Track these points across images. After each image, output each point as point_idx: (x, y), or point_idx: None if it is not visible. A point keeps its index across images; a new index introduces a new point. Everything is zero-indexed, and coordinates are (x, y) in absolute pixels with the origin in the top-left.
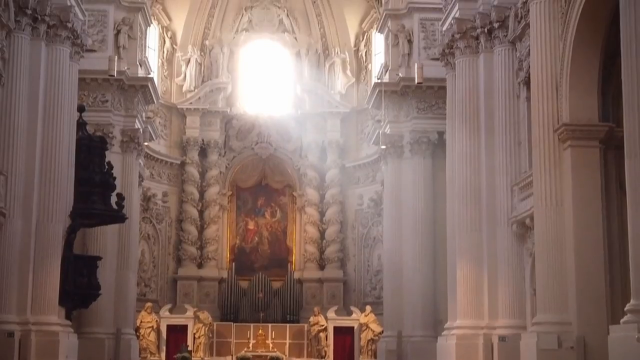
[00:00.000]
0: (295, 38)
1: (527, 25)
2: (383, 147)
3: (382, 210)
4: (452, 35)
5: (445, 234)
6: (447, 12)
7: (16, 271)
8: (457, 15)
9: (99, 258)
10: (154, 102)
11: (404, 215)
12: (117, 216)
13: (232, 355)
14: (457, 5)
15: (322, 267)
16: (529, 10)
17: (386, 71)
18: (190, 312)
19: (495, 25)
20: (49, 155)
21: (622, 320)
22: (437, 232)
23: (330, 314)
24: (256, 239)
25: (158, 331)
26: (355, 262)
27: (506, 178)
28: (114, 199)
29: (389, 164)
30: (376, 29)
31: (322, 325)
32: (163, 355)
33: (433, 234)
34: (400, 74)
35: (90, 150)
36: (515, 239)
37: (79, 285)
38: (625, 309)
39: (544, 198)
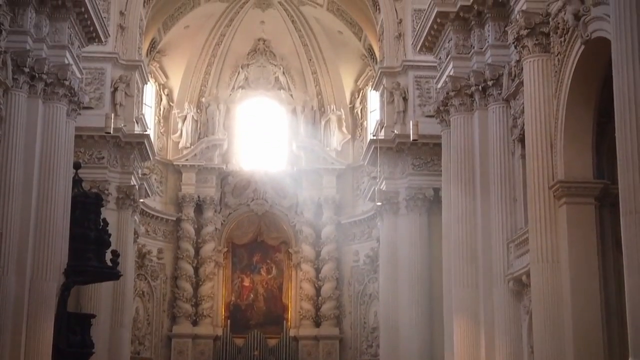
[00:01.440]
0: (291, 95)
1: (521, 83)
2: (379, 203)
3: (378, 267)
4: (447, 93)
5: (442, 290)
6: (441, 70)
7: (9, 328)
8: (451, 73)
9: (93, 316)
10: (150, 159)
11: (400, 272)
12: (112, 273)
13: None
14: (452, 63)
15: (318, 324)
16: (522, 68)
17: (382, 128)
18: None
19: (490, 83)
20: (44, 212)
21: None
22: (433, 289)
23: None
24: (252, 295)
25: None
26: (352, 319)
27: (502, 235)
28: (108, 255)
29: (384, 220)
30: (371, 87)
31: None
32: None
33: (429, 290)
34: (395, 131)
35: (86, 207)
36: (512, 296)
37: (73, 344)
38: None
39: (540, 255)
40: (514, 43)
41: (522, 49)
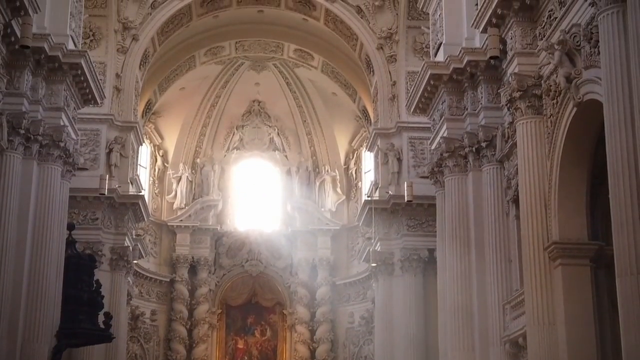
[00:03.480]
0: (286, 156)
1: (515, 144)
2: (373, 264)
3: (373, 329)
4: (441, 154)
5: (438, 352)
6: (435, 132)
7: None
8: (445, 135)
9: None
10: (144, 220)
11: (395, 334)
12: (104, 336)
13: None
14: (445, 124)
15: None
16: (515, 130)
17: (376, 189)
18: None
19: (483, 144)
20: (37, 273)
21: None
22: (429, 351)
23: None
24: (246, 358)
25: None
26: None
27: (497, 296)
28: (101, 317)
29: (379, 281)
30: (366, 148)
31: None
32: None
33: (425, 353)
34: (390, 192)
35: (79, 268)
36: (508, 358)
37: None
38: None
39: (536, 317)
40: (506, 105)
41: (515, 111)
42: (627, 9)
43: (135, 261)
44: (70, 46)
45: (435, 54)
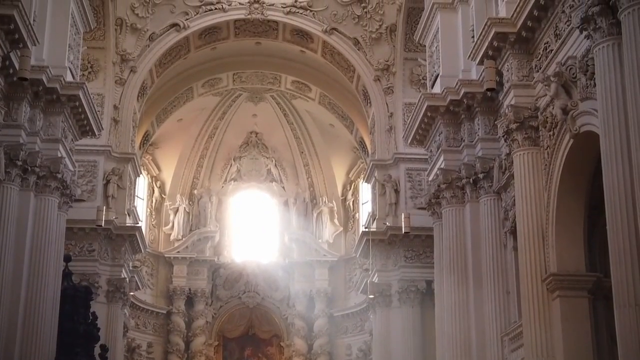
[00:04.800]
0: (283, 187)
1: (512, 176)
2: (371, 296)
3: None
4: (438, 186)
5: None
6: (432, 163)
7: None
8: (442, 166)
9: None
10: (141, 252)
11: None
12: None
13: None
14: (442, 156)
15: None
16: (512, 161)
17: (373, 220)
18: None
19: (480, 175)
20: (33, 306)
21: None
22: None
23: None
24: None
25: None
26: None
27: (496, 328)
28: (97, 350)
29: (377, 313)
30: (363, 179)
31: None
32: None
33: None
34: (387, 223)
35: (75, 300)
36: None
37: None
38: None
39: (534, 349)
40: (503, 136)
41: (512, 142)
42: (622, 41)
43: (131, 293)
44: (69, 78)
45: (432, 86)
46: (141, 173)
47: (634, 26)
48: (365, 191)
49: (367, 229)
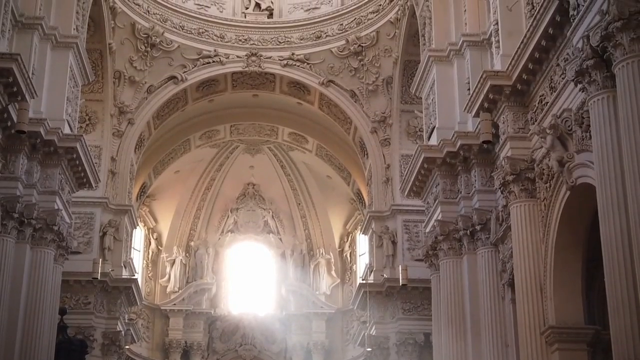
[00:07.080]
0: (280, 239)
1: (509, 228)
2: (369, 349)
3: None
4: (435, 237)
5: None
6: (429, 215)
7: None
8: (439, 218)
9: None
10: (137, 304)
11: None
12: None
13: None
14: (439, 208)
15: None
16: (509, 213)
17: (371, 272)
18: None
19: (478, 227)
20: (28, 359)
21: None
22: None
23: None
24: None
25: None
26: None
27: None
28: None
29: None
30: (360, 231)
31: None
32: None
33: None
34: (384, 275)
35: (70, 354)
36: None
37: None
38: None
39: None
40: (500, 188)
41: (509, 194)
42: (617, 94)
43: (127, 346)
44: (67, 130)
45: (429, 138)
46: (138, 225)
47: (628, 79)
48: (363, 243)
49: (364, 281)
